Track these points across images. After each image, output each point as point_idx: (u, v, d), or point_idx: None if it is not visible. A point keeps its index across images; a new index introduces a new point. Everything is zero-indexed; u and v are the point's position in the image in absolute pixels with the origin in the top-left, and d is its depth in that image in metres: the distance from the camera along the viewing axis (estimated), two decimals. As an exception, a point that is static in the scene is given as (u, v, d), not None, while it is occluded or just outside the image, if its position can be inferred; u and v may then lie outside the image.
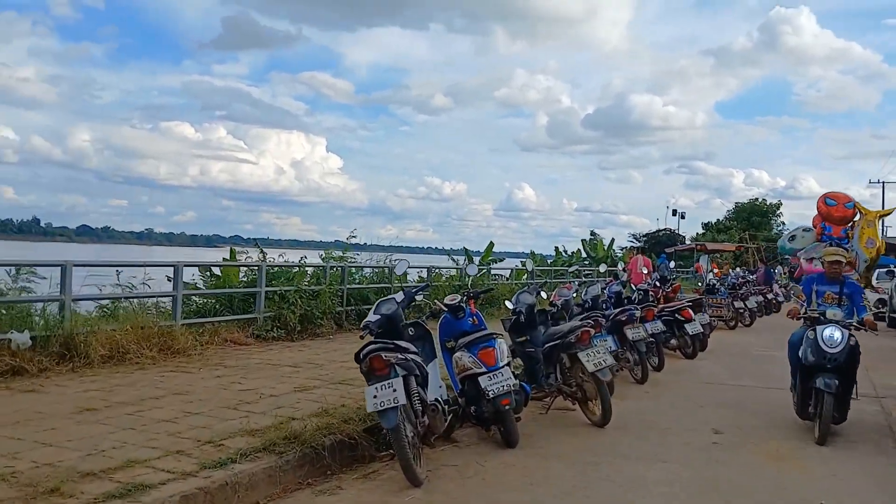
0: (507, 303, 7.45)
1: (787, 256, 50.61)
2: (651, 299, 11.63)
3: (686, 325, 11.53)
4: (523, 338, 7.13)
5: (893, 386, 9.53)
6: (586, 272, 29.16)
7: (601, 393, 6.59)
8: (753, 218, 68.01)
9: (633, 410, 7.49)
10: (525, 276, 27.19)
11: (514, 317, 7.11)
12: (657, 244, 56.81)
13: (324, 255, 13.71)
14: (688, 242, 62.42)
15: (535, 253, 40.96)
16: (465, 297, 6.50)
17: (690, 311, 11.69)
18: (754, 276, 24.73)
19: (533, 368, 7.16)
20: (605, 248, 48.38)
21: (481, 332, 6.06)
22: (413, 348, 5.37)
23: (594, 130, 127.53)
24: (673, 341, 11.69)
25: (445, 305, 6.38)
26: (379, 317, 5.48)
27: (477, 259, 29.00)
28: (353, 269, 13.71)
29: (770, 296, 22.08)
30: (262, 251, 12.46)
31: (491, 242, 30.42)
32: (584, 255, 45.61)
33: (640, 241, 63.05)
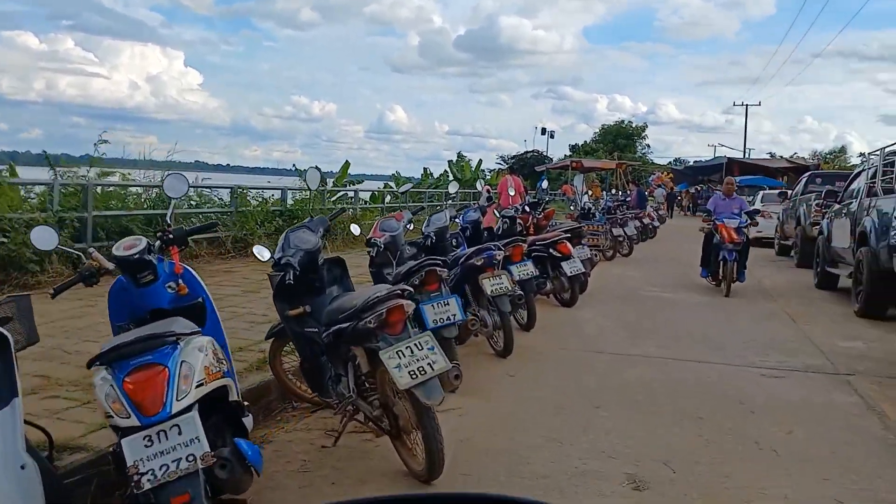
0: (352, 227, 5.97)
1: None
2: (519, 230, 8.66)
3: (563, 264, 8.68)
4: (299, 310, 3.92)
5: (844, 349, 7.05)
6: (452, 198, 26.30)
7: (423, 426, 3.43)
8: (619, 140, 68.03)
9: (489, 428, 4.41)
10: (387, 200, 24.20)
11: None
12: (525, 166, 55.18)
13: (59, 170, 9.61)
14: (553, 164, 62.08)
15: (400, 175, 37.96)
16: (160, 243, 3.31)
17: (568, 245, 8.84)
18: (627, 199, 22.75)
19: (313, 368, 3.94)
20: (473, 169, 46.01)
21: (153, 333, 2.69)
22: None
23: (465, 52, 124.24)
24: (547, 285, 8.85)
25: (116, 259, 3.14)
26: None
27: (331, 181, 25.51)
28: (101, 190, 9.73)
29: (646, 220, 20.04)
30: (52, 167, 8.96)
31: (347, 162, 27.09)
32: (450, 177, 43.21)
33: (508, 163, 61.51)
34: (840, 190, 11.39)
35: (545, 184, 17.63)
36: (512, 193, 17.85)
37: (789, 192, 17.00)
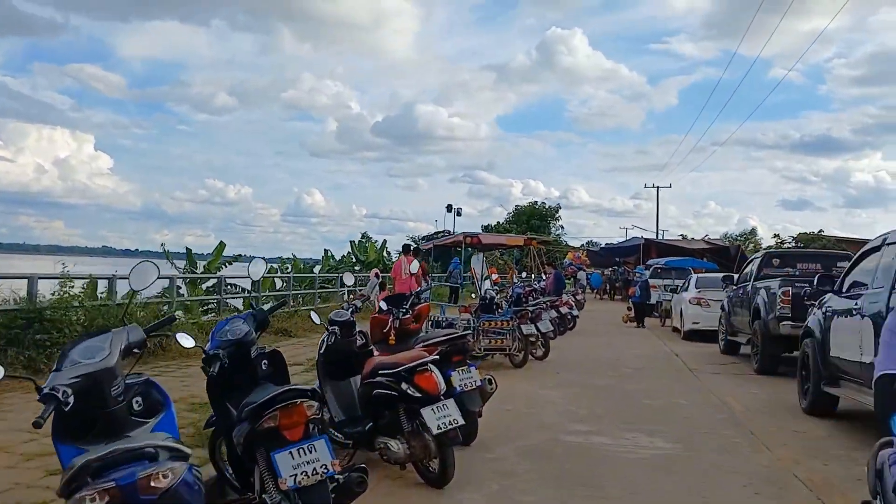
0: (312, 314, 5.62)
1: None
2: (355, 346, 4.79)
3: (424, 412, 4.75)
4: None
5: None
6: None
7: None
8: (533, 221, 66.23)
9: None
10: (268, 288, 20.54)
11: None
12: (435, 248, 51.93)
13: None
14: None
15: (298, 257, 33.88)
16: None
17: (434, 376, 4.93)
18: (542, 283, 19.29)
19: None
20: (377, 250, 42.27)
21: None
22: None
23: (383, 138, 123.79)
24: (392, 453, 4.83)
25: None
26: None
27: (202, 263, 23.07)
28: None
29: (563, 310, 16.50)
30: None
31: (221, 243, 23.00)
32: (354, 258, 39.51)
33: (417, 242, 58.19)
34: (839, 274, 7.96)
35: (459, 269, 14.07)
36: (407, 275, 14.11)
37: (734, 275, 13.76)
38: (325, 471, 3.27)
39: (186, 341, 3.72)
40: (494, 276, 25.54)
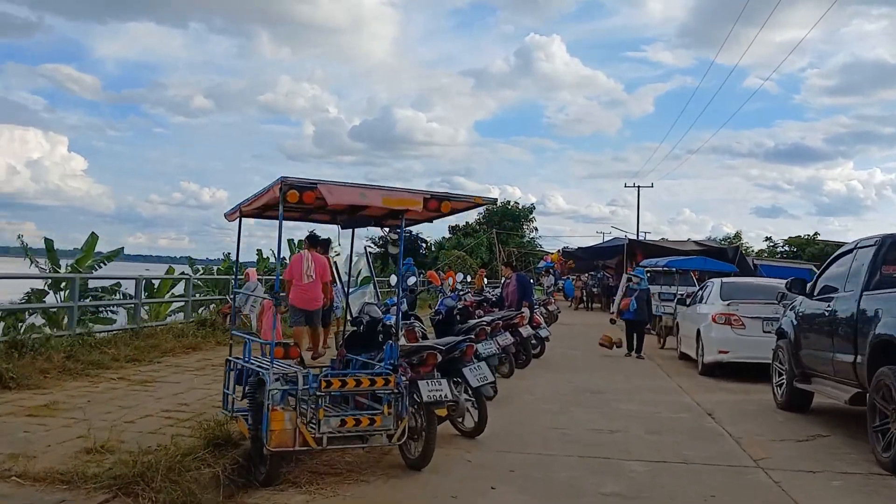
0: None
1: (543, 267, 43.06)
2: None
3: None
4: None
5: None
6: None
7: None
8: (505, 222, 60.84)
9: None
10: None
11: None
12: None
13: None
14: (427, 246, 53.68)
15: (192, 260, 28.41)
16: None
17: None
18: (501, 292, 13.85)
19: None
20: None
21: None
22: None
23: (361, 142, 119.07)
24: None
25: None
26: None
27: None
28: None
29: (526, 331, 11.05)
30: None
31: (93, 234, 17.35)
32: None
33: (379, 246, 52.63)
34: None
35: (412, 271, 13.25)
36: (310, 279, 9.85)
37: (806, 280, 8.37)
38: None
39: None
40: (451, 281, 20.00)
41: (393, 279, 11.49)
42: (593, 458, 5.80)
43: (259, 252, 33.70)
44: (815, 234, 53.98)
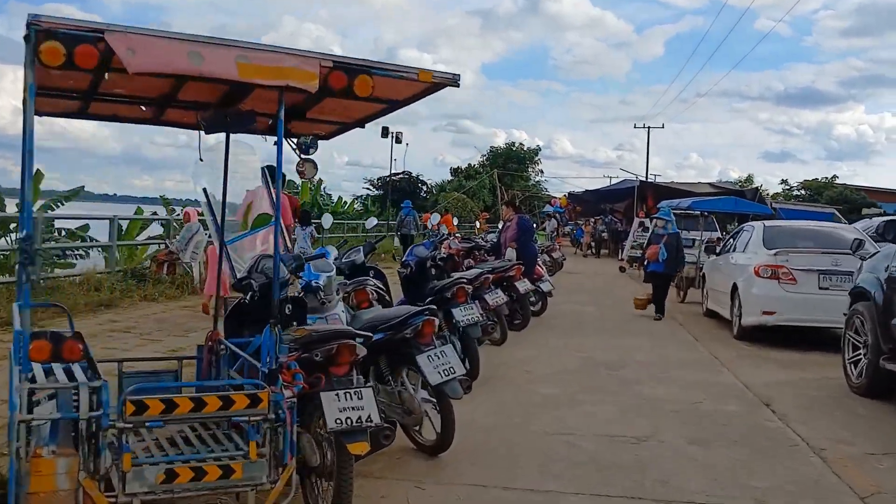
0: None
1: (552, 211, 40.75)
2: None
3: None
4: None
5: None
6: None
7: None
8: (510, 164, 58.24)
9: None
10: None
11: None
12: (394, 192, 44.12)
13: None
14: (428, 188, 51.23)
15: (167, 197, 26.21)
16: None
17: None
18: (496, 237, 11.78)
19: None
20: (313, 192, 34.50)
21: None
22: None
23: None
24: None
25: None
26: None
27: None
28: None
29: (523, 285, 9.02)
30: None
31: (38, 171, 15.33)
32: None
33: (377, 188, 50.38)
34: None
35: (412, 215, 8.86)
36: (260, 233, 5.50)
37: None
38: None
39: None
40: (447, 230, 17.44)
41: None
42: (615, 500, 3.76)
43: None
44: (834, 176, 51.36)
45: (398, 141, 26.43)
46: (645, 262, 10.82)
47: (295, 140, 3.76)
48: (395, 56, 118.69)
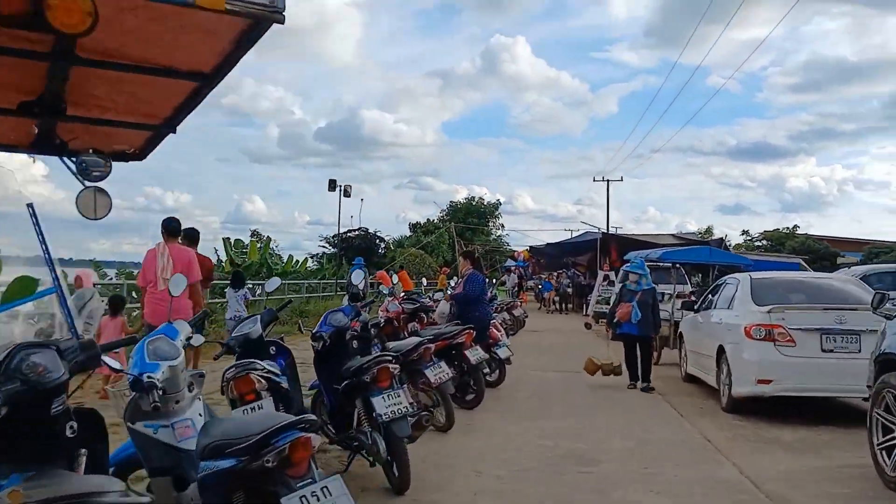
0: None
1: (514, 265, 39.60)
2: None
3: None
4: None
5: None
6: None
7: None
8: (470, 219, 57.40)
9: None
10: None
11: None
12: (351, 249, 42.63)
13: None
14: (386, 245, 49.74)
15: (98, 261, 24.64)
16: None
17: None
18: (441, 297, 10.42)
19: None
20: (261, 251, 32.75)
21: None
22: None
23: (327, 144, 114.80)
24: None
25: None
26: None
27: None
28: None
29: (475, 354, 7.58)
30: None
31: None
32: (227, 262, 30.20)
33: (334, 246, 48.76)
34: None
35: (359, 276, 9.29)
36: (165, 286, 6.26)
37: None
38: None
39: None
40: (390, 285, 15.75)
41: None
42: None
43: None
44: (795, 226, 51.50)
45: (346, 195, 25.05)
46: (615, 321, 9.45)
47: (74, 159, 2.29)
48: (356, 116, 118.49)
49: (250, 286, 17.00)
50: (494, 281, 33.51)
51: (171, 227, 7.23)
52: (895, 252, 38.56)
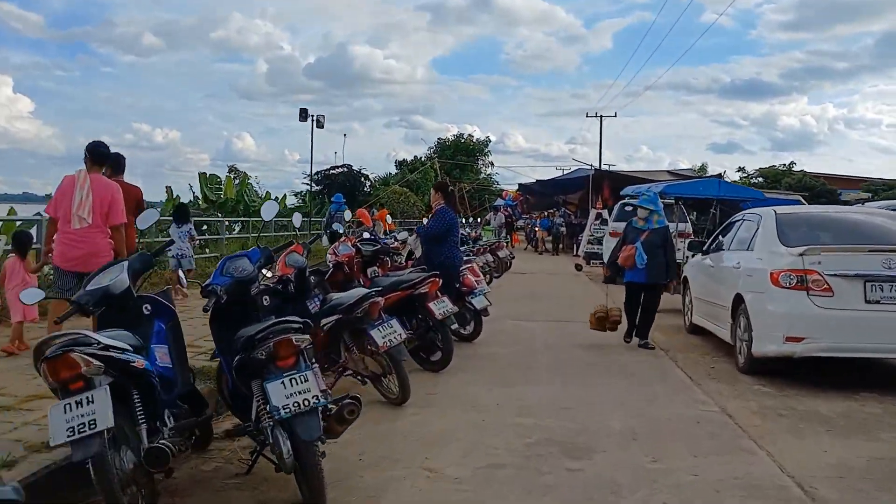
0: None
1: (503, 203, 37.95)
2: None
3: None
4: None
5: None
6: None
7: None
8: (459, 157, 55.47)
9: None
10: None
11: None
12: (335, 186, 40.91)
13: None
14: (372, 183, 47.83)
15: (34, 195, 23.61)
16: None
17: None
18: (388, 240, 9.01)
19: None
20: (238, 187, 31.33)
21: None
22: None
23: (316, 80, 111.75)
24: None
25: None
26: None
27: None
28: None
29: (435, 308, 6.14)
30: None
31: None
32: (202, 199, 29.00)
33: (317, 183, 46.94)
34: None
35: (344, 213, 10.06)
36: (80, 226, 5.56)
37: None
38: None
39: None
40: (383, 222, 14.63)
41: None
42: None
43: (168, 189, 28.35)
44: (791, 163, 50.07)
45: (319, 125, 23.22)
46: (615, 264, 7.99)
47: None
48: (345, 52, 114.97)
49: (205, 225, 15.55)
50: (479, 220, 32.04)
51: (97, 153, 5.73)
52: (895, 190, 37.46)
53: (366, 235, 8.82)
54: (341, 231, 22.00)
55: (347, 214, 14.20)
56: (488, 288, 9.17)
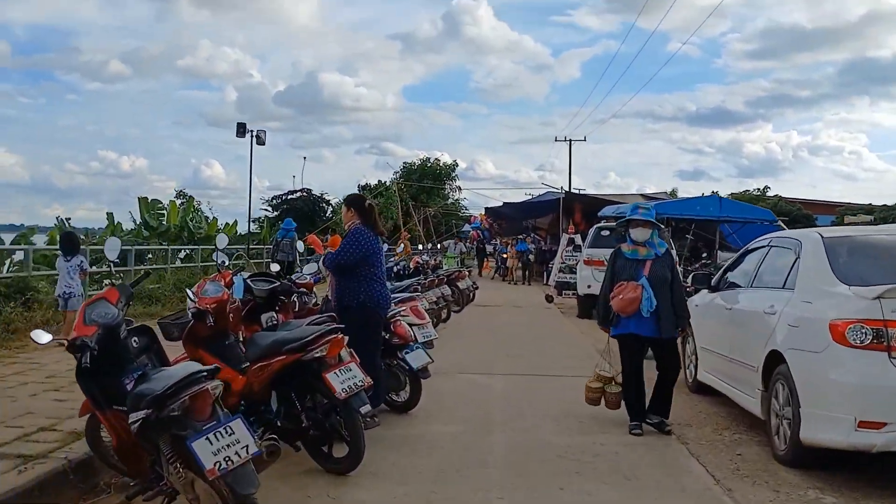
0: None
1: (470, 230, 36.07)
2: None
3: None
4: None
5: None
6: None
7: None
8: (425, 181, 53.55)
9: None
10: None
11: None
12: (293, 212, 38.62)
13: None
14: (333, 208, 45.70)
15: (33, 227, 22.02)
16: None
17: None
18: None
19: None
20: (181, 213, 28.99)
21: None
22: None
23: (286, 108, 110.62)
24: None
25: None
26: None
27: None
28: None
29: (336, 379, 3.96)
30: None
31: None
32: (143, 225, 26.83)
33: (274, 208, 44.61)
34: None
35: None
36: None
37: None
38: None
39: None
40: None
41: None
42: None
43: (109, 216, 25.80)
44: (766, 187, 49.13)
45: (260, 142, 21.07)
46: (597, 306, 5.93)
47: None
48: (315, 79, 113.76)
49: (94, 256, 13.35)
50: (439, 246, 29.97)
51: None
52: (872, 214, 36.46)
53: (274, 268, 6.69)
54: (291, 259, 19.35)
55: (300, 245, 11.80)
56: (435, 333, 7.11)
